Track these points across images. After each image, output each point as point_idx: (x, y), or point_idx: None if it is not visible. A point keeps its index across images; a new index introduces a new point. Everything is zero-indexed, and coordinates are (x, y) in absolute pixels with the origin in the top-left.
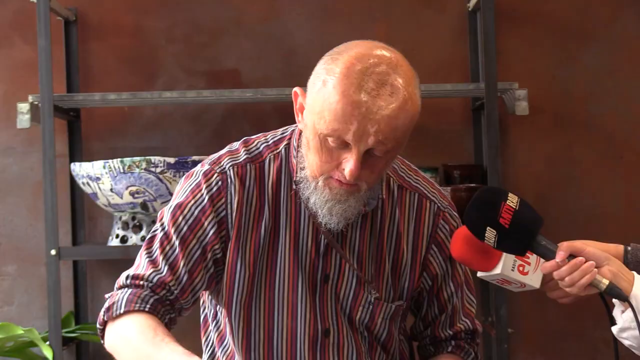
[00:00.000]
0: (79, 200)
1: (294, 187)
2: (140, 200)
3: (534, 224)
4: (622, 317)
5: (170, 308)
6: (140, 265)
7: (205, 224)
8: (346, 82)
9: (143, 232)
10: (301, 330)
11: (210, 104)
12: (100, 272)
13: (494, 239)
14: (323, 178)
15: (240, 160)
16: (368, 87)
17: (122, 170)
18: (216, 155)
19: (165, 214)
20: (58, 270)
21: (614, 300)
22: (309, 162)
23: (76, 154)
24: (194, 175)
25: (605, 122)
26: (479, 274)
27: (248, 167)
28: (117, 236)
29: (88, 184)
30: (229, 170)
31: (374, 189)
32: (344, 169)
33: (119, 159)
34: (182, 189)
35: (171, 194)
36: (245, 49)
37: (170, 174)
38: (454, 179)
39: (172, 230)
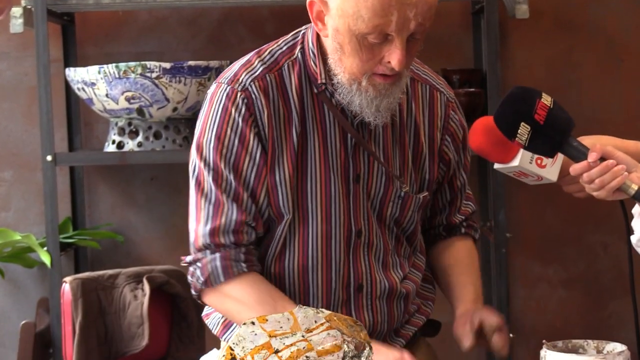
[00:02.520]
0: (75, 106)
1: (315, 90)
2: (136, 106)
3: (568, 124)
4: None
5: (255, 246)
6: (208, 216)
7: (248, 145)
8: None
9: (139, 138)
10: (336, 234)
11: (206, 8)
12: (97, 178)
13: (526, 136)
14: (366, 77)
15: (257, 73)
16: None
17: (117, 76)
18: (230, 71)
19: (205, 150)
20: (54, 176)
21: (633, 211)
22: (346, 66)
23: (71, 59)
24: (216, 99)
25: (606, 25)
26: (496, 165)
27: (267, 78)
28: (113, 142)
29: (83, 89)
30: (251, 87)
31: (407, 75)
32: (388, 62)
33: (114, 64)
34: (210, 117)
35: (167, 99)
36: None
37: (166, 79)
38: (453, 84)
39: (221, 165)
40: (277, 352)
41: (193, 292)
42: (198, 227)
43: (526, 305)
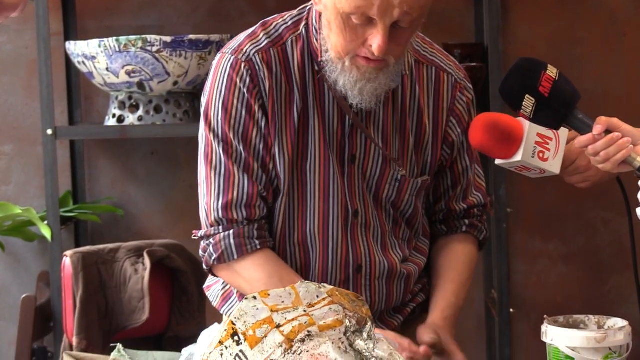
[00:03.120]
0: (75, 80)
1: (316, 68)
2: (136, 80)
3: (573, 96)
4: None
5: (266, 222)
6: (220, 190)
7: (255, 115)
8: None
9: (140, 112)
10: (333, 212)
11: None
12: (97, 152)
13: (531, 108)
14: (349, 58)
15: (262, 45)
16: None
17: (117, 49)
18: (235, 42)
19: (213, 122)
20: (55, 149)
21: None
22: (332, 43)
23: (71, 32)
24: (221, 69)
25: (608, 0)
26: (497, 161)
27: (272, 51)
28: (113, 116)
29: (84, 63)
30: (255, 58)
31: (399, 64)
32: (370, 45)
33: (114, 38)
34: (215, 89)
35: (168, 73)
36: None
37: (167, 53)
38: (455, 58)
39: (231, 135)
40: (278, 326)
41: (204, 266)
42: (210, 202)
43: (526, 280)
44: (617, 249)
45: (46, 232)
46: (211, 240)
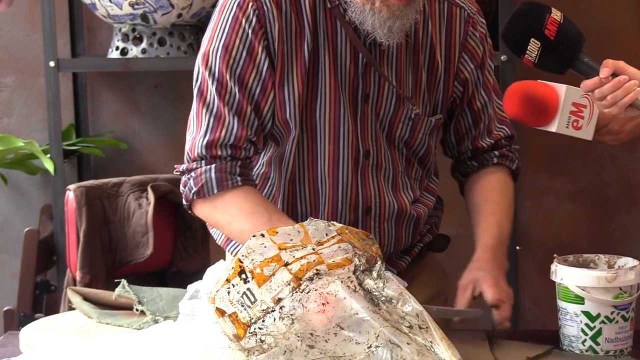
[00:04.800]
0: (77, 11)
1: (329, 6)
2: (140, 12)
3: (579, 39)
4: None
5: (251, 161)
6: (208, 127)
7: (256, 58)
8: None
9: (143, 45)
10: (343, 153)
11: None
12: (100, 85)
13: (536, 53)
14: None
15: None
16: None
17: None
18: None
19: (211, 59)
20: (57, 82)
21: None
22: None
23: None
24: (227, 7)
25: None
26: None
27: None
28: (117, 48)
29: None
30: None
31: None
32: None
33: None
34: (219, 26)
35: (172, 5)
36: None
37: None
38: None
39: (227, 75)
40: (286, 265)
41: (184, 201)
42: (196, 137)
43: (533, 218)
44: (624, 186)
45: (49, 166)
46: (192, 174)
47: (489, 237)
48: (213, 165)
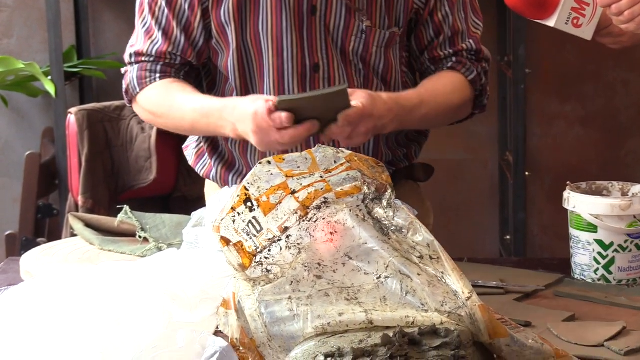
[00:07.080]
0: None
1: None
2: None
3: None
4: None
5: (181, 65)
6: (139, 38)
7: None
8: None
9: None
10: (288, 67)
11: None
12: (102, 6)
13: None
14: None
15: None
16: None
17: None
18: None
19: None
20: (58, 2)
21: None
22: None
23: None
24: None
25: None
26: None
27: None
28: None
29: None
30: None
31: None
32: None
33: None
34: None
35: None
36: None
37: None
38: None
39: None
40: (293, 192)
41: (127, 104)
42: (129, 44)
43: (542, 143)
44: (636, 111)
45: (50, 88)
46: (125, 76)
47: (402, 95)
48: (137, 65)
